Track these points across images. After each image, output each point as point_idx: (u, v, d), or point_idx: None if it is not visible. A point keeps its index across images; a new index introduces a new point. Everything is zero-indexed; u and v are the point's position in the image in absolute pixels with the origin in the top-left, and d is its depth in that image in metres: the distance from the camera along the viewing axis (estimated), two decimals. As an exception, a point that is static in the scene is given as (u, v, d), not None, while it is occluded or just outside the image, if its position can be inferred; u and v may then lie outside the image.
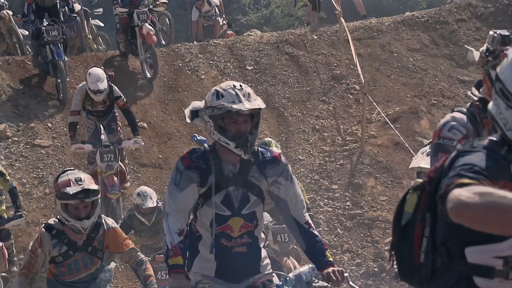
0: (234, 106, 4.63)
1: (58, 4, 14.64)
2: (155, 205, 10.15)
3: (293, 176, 5.01)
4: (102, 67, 12.23)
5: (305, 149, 14.28)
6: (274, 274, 5.01)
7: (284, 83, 15.78)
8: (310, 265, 4.86)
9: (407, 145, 13.35)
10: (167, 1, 16.03)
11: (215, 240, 4.84)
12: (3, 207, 10.76)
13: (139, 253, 6.66)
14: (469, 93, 5.56)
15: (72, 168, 6.74)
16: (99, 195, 6.41)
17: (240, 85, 4.76)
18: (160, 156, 13.92)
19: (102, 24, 18.66)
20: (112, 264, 6.88)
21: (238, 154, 4.75)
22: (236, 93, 4.68)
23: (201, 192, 4.82)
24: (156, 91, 15.20)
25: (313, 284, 4.76)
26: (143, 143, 12.28)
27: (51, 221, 6.50)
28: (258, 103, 4.71)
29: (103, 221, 6.53)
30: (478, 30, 17.42)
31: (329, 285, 4.77)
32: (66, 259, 6.43)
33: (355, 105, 15.51)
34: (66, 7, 14.72)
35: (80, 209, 6.26)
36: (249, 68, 16.11)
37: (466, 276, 3.05)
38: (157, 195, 11.38)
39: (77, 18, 14.91)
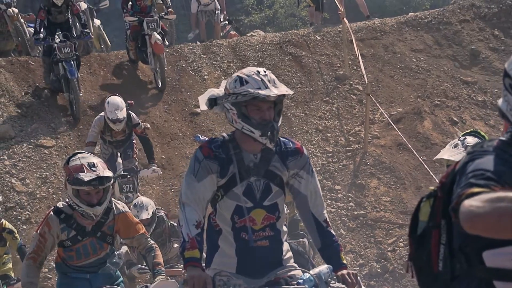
0: (261, 92, 4.41)
1: (70, 20, 14.48)
2: (149, 216, 9.60)
3: (313, 170, 4.81)
4: (119, 95, 12.01)
5: (308, 149, 14.28)
6: (296, 270, 4.80)
7: (287, 83, 15.78)
8: (328, 265, 4.70)
9: (410, 146, 13.34)
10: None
11: (237, 234, 4.62)
12: (10, 265, 10.50)
13: (149, 239, 6.46)
14: None
15: (82, 151, 6.50)
16: (112, 181, 6.21)
17: (264, 71, 4.54)
18: (163, 156, 13.93)
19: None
20: (124, 248, 6.74)
21: (263, 143, 4.53)
22: (262, 79, 4.46)
23: (220, 183, 4.60)
24: (159, 92, 15.20)
25: (330, 284, 4.64)
26: (161, 172, 12.03)
27: (60, 204, 6.32)
28: (285, 89, 4.49)
29: (114, 205, 6.33)
30: (482, 31, 17.41)
31: (345, 287, 4.65)
32: (75, 243, 6.24)
33: (358, 105, 15.51)
34: (78, 23, 14.54)
35: (92, 195, 6.06)
36: (252, 68, 16.11)
37: (486, 281, 2.97)
38: (160, 195, 11.39)
39: (89, 33, 14.70)
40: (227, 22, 21.27)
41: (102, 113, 11.52)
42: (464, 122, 15.06)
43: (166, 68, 15.15)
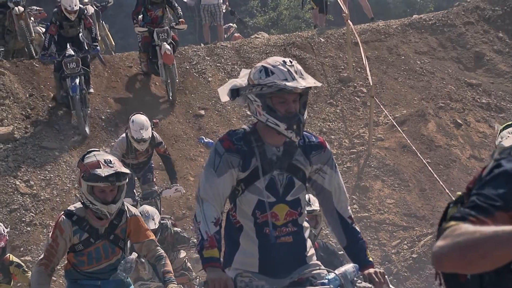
0: (288, 84, 4.20)
1: (80, 33, 14.23)
2: (156, 227, 9.29)
3: (336, 165, 4.61)
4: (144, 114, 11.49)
5: (312, 151, 14.27)
6: (321, 269, 4.58)
7: (291, 85, 15.78)
8: (353, 264, 4.48)
9: (414, 148, 13.33)
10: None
11: (259, 230, 4.42)
12: None
13: (158, 247, 6.30)
14: None
15: (97, 149, 6.34)
16: (127, 180, 6.06)
17: (290, 61, 4.32)
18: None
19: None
20: (134, 255, 6.61)
21: (288, 137, 4.32)
22: (288, 70, 4.25)
23: (241, 177, 4.39)
24: (163, 93, 15.20)
25: (357, 284, 4.43)
26: (184, 191, 11.41)
27: (72, 207, 6.14)
28: (312, 80, 4.30)
29: (126, 208, 6.20)
30: (486, 33, 17.40)
31: (372, 287, 4.45)
32: (87, 247, 6.06)
33: (362, 108, 15.50)
34: (90, 36, 14.28)
35: (107, 192, 5.89)
36: (256, 70, 16.12)
37: None
38: (163, 196, 11.37)
39: (97, 47, 14.29)
40: (231, 24, 21.30)
41: (123, 135, 11.04)
42: (468, 124, 15.05)
43: (177, 80, 15.00)
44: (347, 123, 15.18)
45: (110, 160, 5.95)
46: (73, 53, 13.54)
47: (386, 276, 4.48)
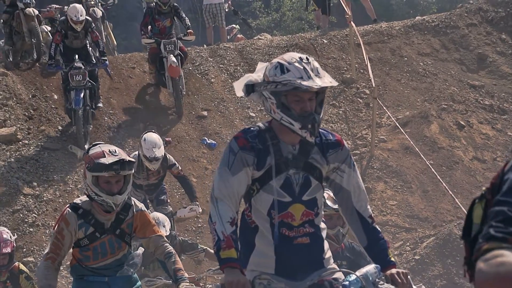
0: (304, 83, 4.07)
1: (88, 45, 13.96)
2: (168, 233, 9.01)
3: (355, 163, 4.47)
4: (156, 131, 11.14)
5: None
6: (340, 271, 4.47)
7: (294, 87, 15.78)
8: (375, 265, 4.33)
9: (417, 149, 13.32)
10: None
11: (274, 231, 4.29)
12: None
13: (166, 243, 6.10)
14: None
15: (102, 142, 6.14)
16: (133, 170, 5.88)
17: (307, 58, 4.18)
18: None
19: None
20: (140, 250, 6.46)
21: (302, 136, 4.19)
22: (304, 67, 4.11)
23: (256, 176, 4.28)
24: (166, 95, 15.21)
25: (379, 285, 4.28)
26: (200, 210, 10.91)
27: (77, 200, 5.97)
28: (329, 80, 4.15)
29: (133, 202, 6.01)
30: (489, 35, 17.39)
31: None
32: (92, 241, 5.89)
33: (365, 109, 15.50)
34: (97, 49, 13.99)
35: (112, 183, 5.73)
36: (259, 72, 16.12)
37: None
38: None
39: (107, 61, 14.06)
40: (234, 26, 21.30)
41: (135, 153, 10.58)
42: (471, 126, 15.04)
43: (184, 92, 14.76)
44: (350, 124, 15.18)
45: (114, 150, 5.79)
46: (81, 66, 13.30)
47: (409, 277, 4.34)
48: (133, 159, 5.88)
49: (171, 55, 14.21)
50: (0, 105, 13.97)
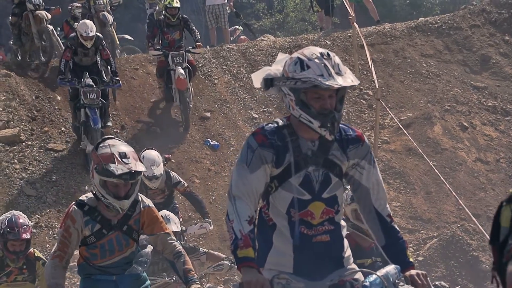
0: (324, 81, 3.96)
1: (99, 63, 13.54)
2: (179, 229, 8.95)
3: (375, 160, 4.34)
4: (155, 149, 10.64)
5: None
6: (361, 271, 4.36)
7: (297, 88, 15.77)
8: (395, 265, 4.22)
9: (420, 150, 13.30)
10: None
11: (293, 228, 4.18)
12: None
13: (175, 242, 5.96)
14: None
15: (112, 137, 5.97)
16: (142, 174, 5.77)
17: (328, 54, 4.05)
18: (173, 160, 13.94)
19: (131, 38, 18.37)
20: (149, 248, 6.32)
21: (321, 135, 4.09)
22: (325, 64, 4.00)
23: (275, 174, 4.16)
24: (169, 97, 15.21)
25: (399, 286, 4.18)
26: (211, 227, 10.58)
27: (83, 197, 5.83)
28: (350, 79, 4.05)
29: (140, 198, 5.87)
30: (492, 36, 17.37)
31: None
32: (99, 238, 5.75)
33: (368, 110, 15.49)
34: (109, 68, 13.57)
35: (120, 187, 5.60)
36: (262, 73, 16.11)
37: None
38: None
39: (119, 81, 13.56)
40: (237, 27, 21.31)
41: None
42: (474, 127, 15.03)
43: (191, 106, 14.45)
44: (353, 125, 15.12)
45: (125, 154, 5.63)
46: (93, 84, 12.96)
47: (428, 278, 4.25)
48: (142, 167, 5.72)
49: (179, 67, 13.90)
50: (4, 106, 13.98)
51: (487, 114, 15.46)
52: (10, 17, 15.53)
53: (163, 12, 14.65)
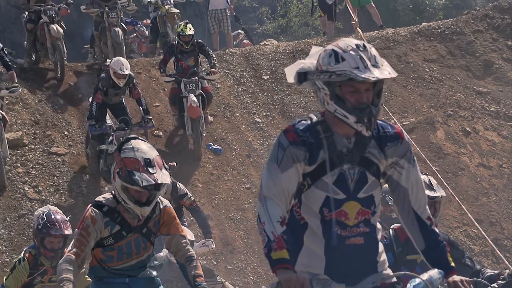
0: (360, 74, 3.78)
1: (123, 100, 13.09)
2: (193, 239, 8.80)
3: (415, 158, 4.11)
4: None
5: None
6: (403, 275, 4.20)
7: (300, 92, 15.78)
8: (438, 270, 4.02)
9: (423, 155, 13.30)
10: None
11: (327, 229, 4.01)
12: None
13: (188, 246, 5.79)
14: None
15: (135, 136, 5.73)
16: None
17: (364, 46, 3.87)
18: (175, 165, 13.96)
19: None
20: (164, 251, 6.23)
21: (358, 130, 3.91)
22: (361, 56, 3.81)
23: (308, 171, 3.97)
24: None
25: None
26: (213, 246, 10.26)
27: (100, 198, 5.66)
28: (388, 71, 3.85)
29: (159, 199, 5.71)
30: (495, 41, 17.37)
31: None
32: (118, 240, 5.59)
33: (371, 115, 15.48)
34: (140, 108, 13.03)
35: (143, 194, 5.45)
36: (265, 77, 16.12)
37: None
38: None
39: (152, 121, 12.87)
40: (240, 31, 21.32)
41: None
42: (477, 132, 15.02)
43: (204, 134, 13.98)
44: (356, 130, 15.18)
45: (150, 161, 5.42)
46: (126, 127, 12.39)
47: (471, 285, 4.06)
48: (168, 178, 5.52)
49: (192, 94, 13.34)
50: (7, 110, 13.99)
51: (490, 119, 15.45)
52: (26, 23, 15.32)
53: (177, 38, 14.14)
